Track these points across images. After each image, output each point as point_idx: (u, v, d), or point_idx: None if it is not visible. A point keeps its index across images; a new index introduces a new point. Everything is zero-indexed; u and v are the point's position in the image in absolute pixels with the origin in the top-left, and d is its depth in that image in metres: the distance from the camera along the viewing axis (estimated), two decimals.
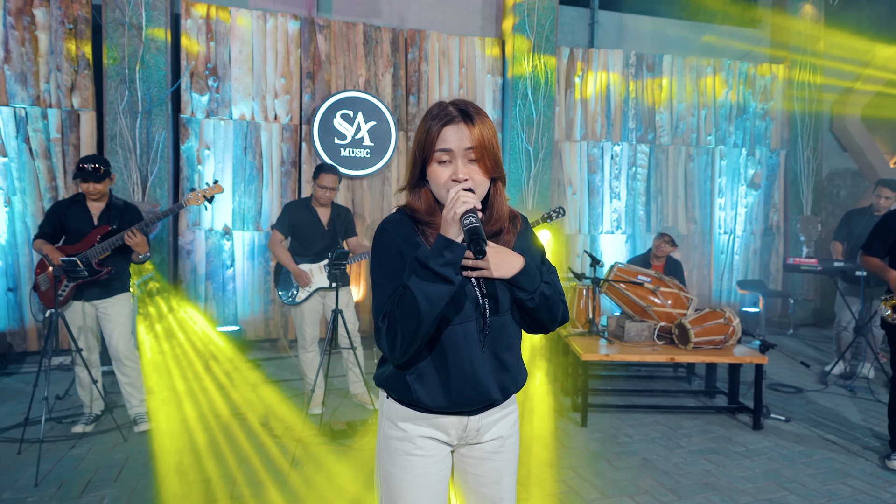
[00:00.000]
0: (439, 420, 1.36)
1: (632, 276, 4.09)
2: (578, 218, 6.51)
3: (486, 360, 1.32)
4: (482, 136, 1.26)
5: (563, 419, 3.80)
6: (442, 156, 1.26)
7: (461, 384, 1.31)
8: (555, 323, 1.39)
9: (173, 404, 3.88)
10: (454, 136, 1.25)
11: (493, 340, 1.33)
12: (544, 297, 1.32)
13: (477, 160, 1.26)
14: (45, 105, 4.94)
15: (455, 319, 1.29)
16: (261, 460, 3.08)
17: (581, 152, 6.48)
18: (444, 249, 1.18)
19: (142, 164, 5.03)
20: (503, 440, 1.43)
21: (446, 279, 1.17)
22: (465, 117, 1.27)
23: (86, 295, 3.33)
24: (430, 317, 1.18)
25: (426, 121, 1.29)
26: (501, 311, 1.33)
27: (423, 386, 1.31)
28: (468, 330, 1.30)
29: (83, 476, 2.89)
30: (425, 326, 1.19)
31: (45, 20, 4.90)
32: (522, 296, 1.30)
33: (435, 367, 1.31)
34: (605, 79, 6.50)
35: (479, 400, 1.34)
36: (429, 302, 1.16)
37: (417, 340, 1.21)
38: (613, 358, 3.66)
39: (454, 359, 1.30)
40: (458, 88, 6.03)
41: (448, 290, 1.18)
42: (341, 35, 5.64)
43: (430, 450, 1.37)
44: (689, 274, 6.84)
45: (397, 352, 1.22)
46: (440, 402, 1.32)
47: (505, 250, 1.30)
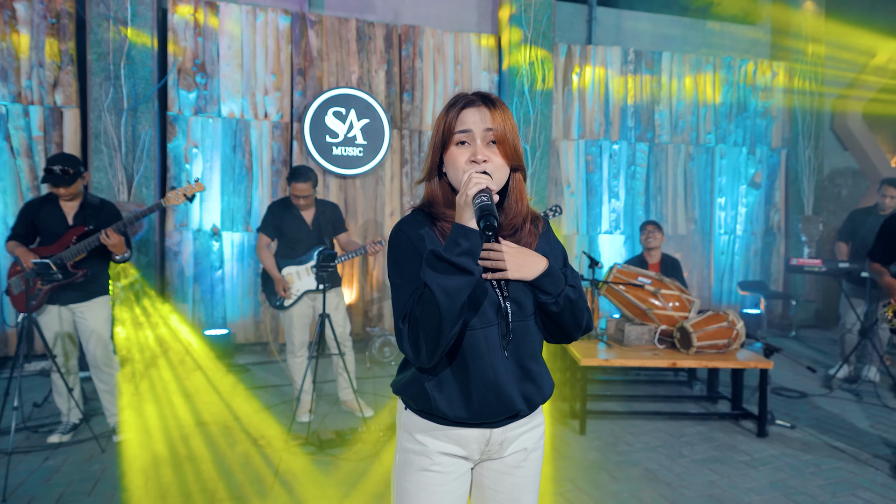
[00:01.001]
0: (460, 433, 1.26)
1: (632, 277, 3.96)
2: (576, 218, 6.38)
3: (510, 368, 1.24)
4: (503, 119, 1.22)
5: (561, 426, 3.67)
6: (461, 137, 1.21)
7: (483, 393, 1.22)
8: (579, 330, 1.31)
9: (152, 413, 3.73)
10: (474, 117, 1.21)
11: (517, 347, 1.25)
12: (569, 300, 1.25)
13: (497, 142, 1.21)
14: (27, 102, 4.79)
15: (475, 323, 1.21)
16: (243, 472, 2.94)
17: (579, 151, 6.35)
18: (460, 237, 1.10)
19: (127, 163, 4.89)
20: (527, 453, 1.33)
21: (464, 269, 1.09)
22: (486, 101, 1.23)
23: (61, 298, 3.18)
24: (452, 312, 1.09)
25: (445, 109, 1.25)
26: (525, 315, 1.26)
27: (442, 394, 1.23)
28: (490, 335, 1.22)
29: (55, 490, 2.74)
30: (448, 323, 1.09)
31: (26, 15, 4.75)
32: (546, 299, 1.23)
33: (455, 375, 1.23)
34: (603, 76, 6.37)
35: (501, 410, 1.24)
36: (447, 295, 1.08)
37: (443, 340, 1.12)
38: (613, 363, 3.52)
39: (475, 366, 1.21)
40: (453, 85, 5.89)
41: (467, 282, 1.09)
42: (333, 31, 5.50)
43: (448, 466, 1.28)
44: (689, 275, 6.71)
45: (423, 354, 1.13)
46: (460, 412, 1.23)
47: (527, 251, 1.25)
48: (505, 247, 1.24)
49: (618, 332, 3.98)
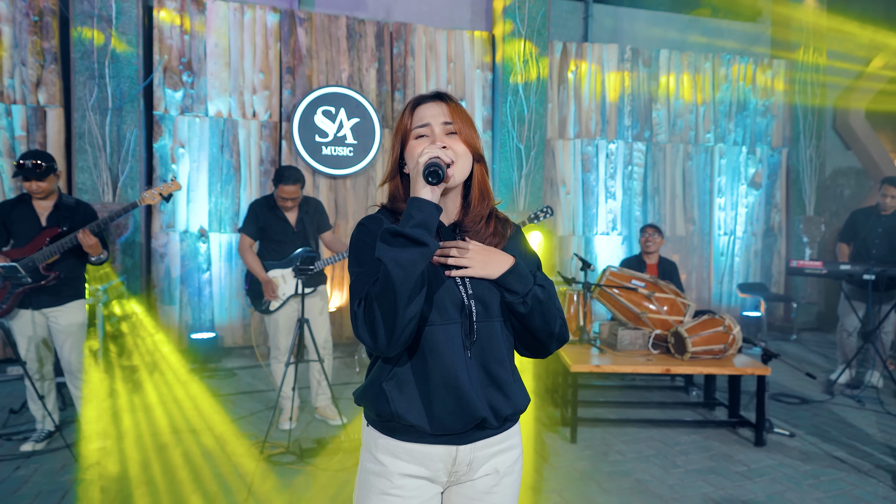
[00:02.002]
0: (423, 450, 1.17)
1: (625, 280, 3.84)
2: (572, 219, 6.26)
3: (473, 371, 1.16)
4: (459, 112, 1.21)
5: (551, 434, 3.55)
6: (419, 131, 1.20)
7: (443, 395, 1.14)
8: (552, 338, 1.23)
9: (129, 420, 3.63)
10: (431, 111, 1.20)
11: (481, 350, 1.18)
12: (538, 300, 1.18)
13: (457, 133, 1.20)
14: (10, 101, 4.70)
15: (434, 319, 1.15)
16: (218, 482, 2.83)
17: (575, 150, 6.23)
18: (413, 209, 1.07)
19: (112, 163, 4.79)
20: (498, 476, 1.24)
21: (417, 241, 1.04)
22: (441, 97, 1.23)
23: (34, 303, 3.08)
24: (406, 286, 1.03)
25: (402, 110, 1.26)
26: (491, 316, 1.19)
27: (401, 396, 1.16)
28: (451, 333, 1.15)
29: (21, 502, 2.64)
30: (403, 298, 1.03)
31: (8, 12, 4.66)
32: (512, 299, 1.17)
33: (414, 375, 1.16)
34: (599, 74, 6.26)
35: (463, 416, 1.15)
36: (401, 268, 1.03)
37: (400, 320, 1.05)
38: (604, 369, 3.40)
39: (434, 364, 1.14)
40: (445, 84, 5.78)
41: (421, 253, 1.04)
42: (323, 28, 5.40)
43: (411, 490, 1.18)
44: (687, 277, 6.59)
45: (381, 337, 1.06)
46: (420, 416, 1.14)
47: (493, 249, 1.20)
48: (470, 244, 1.19)
49: (611, 337, 3.86)
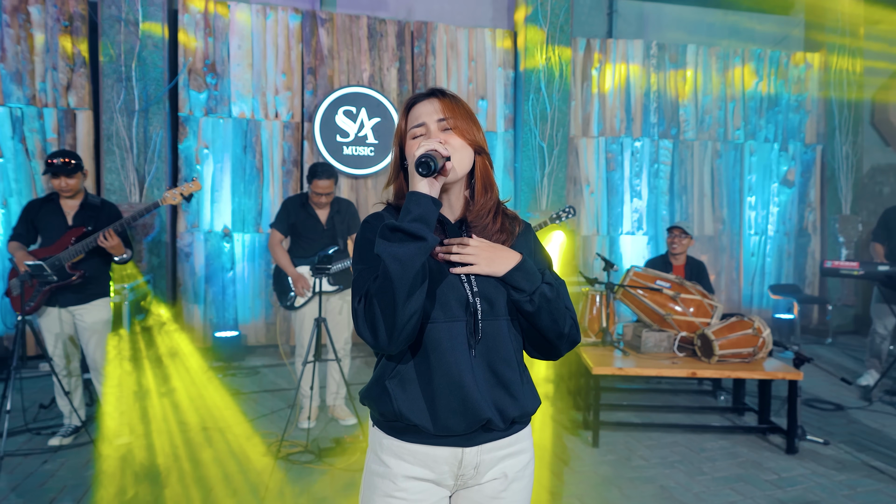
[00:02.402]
0: (427, 452, 1.14)
1: (649, 281, 3.74)
2: (596, 218, 6.15)
3: (478, 370, 1.13)
4: (455, 106, 1.19)
5: (573, 438, 3.48)
6: (415, 131, 1.18)
7: (447, 395, 1.11)
8: (561, 339, 1.19)
9: (154, 417, 3.68)
10: (425, 110, 1.18)
11: (487, 349, 1.15)
12: (545, 299, 1.14)
13: (452, 129, 1.17)
14: (41, 104, 4.83)
15: (438, 316, 1.13)
16: (237, 480, 2.84)
17: (599, 149, 6.12)
18: (411, 204, 1.06)
19: (139, 164, 4.88)
20: (507, 481, 1.20)
21: (415, 235, 1.02)
22: (436, 94, 1.20)
23: (61, 300, 3.14)
24: (405, 281, 1.02)
25: (400, 113, 1.24)
26: (497, 315, 1.16)
27: (404, 394, 1.13)
28: (454, 331, 1.13)
29: (47, 495, 2.69)
30: (402, 293, 1.02)
31: (40, 18, 4.79)
32: (519, 297, 1.14)
33: (418, 374, 1.14)
34: (624, 71, 6.13)
35: (468, 417, 1.11)
36: (399, 263, 1.01)
37: (399, 316, 1.03)
38: (627, 372, 3.32)
39: (437, 362, 1.12)
40: (467, 83, 5.74)
41: (419, 248, 1.03)
42: (344, 29, 5.41)
43: (415, 493, 1.15)
44: (716, 278, 6.41)
45: (381, 334, 1.05)
46: (424, 417, 1.12)
47: (499, 246, 1.17)
48: (475, 241, 1.17)
49: (635, 339, 3.77)
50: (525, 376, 1.22)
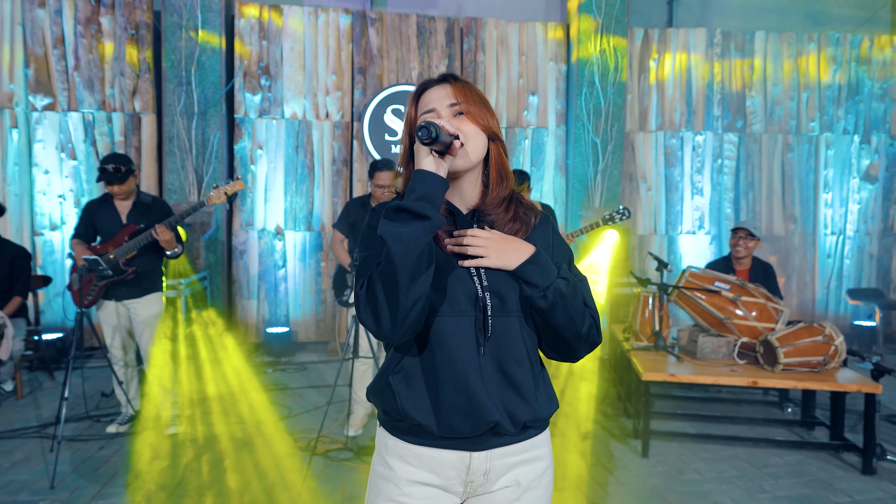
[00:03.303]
0: (433, 455, 1.08)
1: (707, 282, 3.50)
2: (654, 216, 5.87)
3: (486, 370, 1.06)
4: (467, 91, 1.12)
5: (620, 446, 3.30)
6: (426, 118, 1.11)
7: (451, 393, 1.04)
8: (578, 339, 1.09)
9: (194, 409, 3.79)
10: (436, 95, 1.12)
11: (497, 347, 1.07)
12: (560, 294, 1.06)
13: (465, 114, 1.10)
14: (110, 109, 5.11)
15: (445, 310, 1.06)
16: (277, 473, 2.87)
17: (657, 144, 5.83)
18: (415, 182, 1.00)
19: (198, 165, 5.08)
20: (520, 490, 1.12)
21: (419, 214, 0.96)
22: (447, 78, 1.14)
23: (117, 294, 3.29)
24: (408, 262, 0.95)
25: (408, 100, 1.18)
26: (508, 311, 1.08)
27: (408, 391, 1.07)
28: (461, 325, 1.06)
29: (99, 480, 2.81)
30: (405, 276, 0.96)
31: (110, 27, 5.07)
32: (532, 292, 1.06)
33: (423, 370, 1.08)
34: (685, 61, 5.81)
35: (474, 419, 1.04)
36: (402, 243, 0.95)
37: (402, 301, 0.97)
38: (681, 379, 3.11)
39: (442, 357, 1.06)
40: (517, 78, 5.62)
41: (424, 228, 0.96)
42: (394, 27, 5.42)
43: (421, 499, 1.09)
44: (787, 280, 5.96)
45: (384, 321, 0.99)
46: (428, 416, 1.05)
47: (512, 238, 1.10)
48: (487, 232, 1.09)
49: (690, 344, 3.54)
50: (541, 378, 1.13)
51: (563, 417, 3.64)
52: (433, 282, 1.04)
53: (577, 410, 3.76)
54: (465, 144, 1.07)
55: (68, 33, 5.01)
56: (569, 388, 4.12)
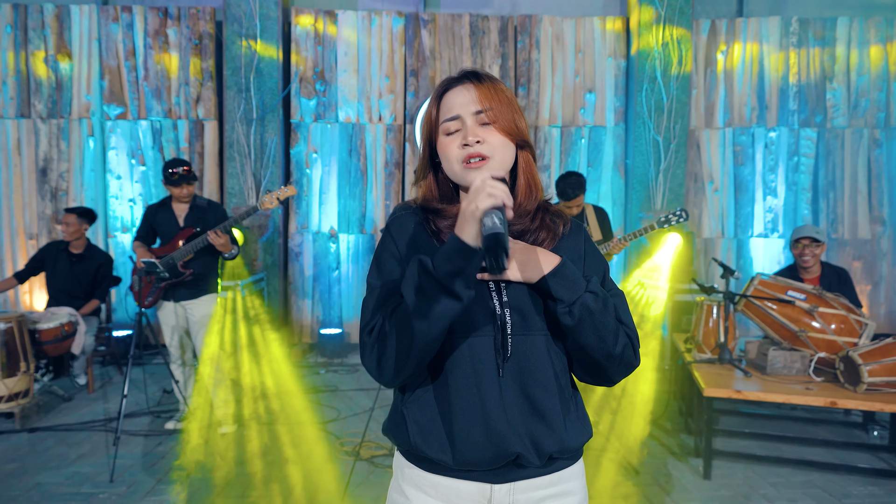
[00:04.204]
0: (450, 485, 0.99)
1: (779, 290, 3.22)
2: (721, 218, 5.52)
3: (507, 395, 0.96)
4: (494, 93, 1.00)
5: (680, 465, 3.09)
6: (449, 126, 1.01)
7: (466, 422, 0.95)
8: (611, 360, 0.98)
9: (248, 410, 3.87)
10: (459, 100, 1.01)
11: (519, 370, 0.97)
12: (588, 310, 0.94)
13: (491, 122, 0.99)
14: (176, 117, 5.34)
15: (459, 331, 0.97)
16: (323, 474, 2.87)
17: (725, 141, 5.48)
18: (455, 254, 0.88)
19: (256, 169, 5.22)
20: None
21: (452, 293, 0.88)
22: (471, 77, 1.02)
23: (175, 295, 3.41)
24: (428, 339, 0.90)
25: (430, 98, 1.08)
26: (530, 329, 0.98)
27: (422, 422, 0.99)
28: (477, 347, 0.97)
29: (155, 475, 2.91)
30: (420, 351, 0.90)
31: (176, 39, 5.30)
32: (556, 307, 0.95)
33: (437, 396, 0.99)
34: (756, 53, 5.43)
35: (493, 452, 0.94)
36: (426, 320, 0.88)
37: (411, 362, 0.92)
38: (747, 396, 2.87)
39: (456, 383, 0.97)
40: (573, 76, 5.43)
41: (453, 308, 0.89)
42: (446, 28, 5.37)
43: None
44: (873, 289, 5.46)
45: (386, 374, 0.94)
46: (443, 449, 0.96)
47: (535, 248, 1.00)
48: (510, 242, 0.97)
49: (760, 358, 3.27)
50: (572, 403, 1.03)
51: (617, 430, 3.46)
52: None
53: (631, 424, 3.57)
54: (492, 157, 0.98)
55: (139, 45, 5.28)
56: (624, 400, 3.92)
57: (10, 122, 5.28)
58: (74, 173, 5.33)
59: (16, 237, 5.35)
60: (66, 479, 2.87)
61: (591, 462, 3.06)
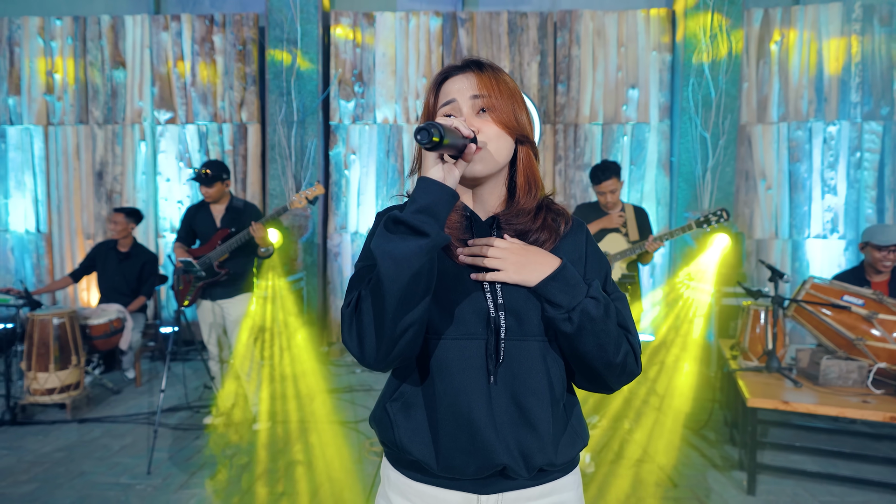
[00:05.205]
0: (436, 495, 0.95)
1: (833, 295, 3.00)
2: (774, 218, 5.22)
3: (498, 403, 0.91)
4: (494, 81, 0.97)
5: (721, 478, 2.92)
6: (445, 110, 0.98)
7: (451, 427, 0.90)
8: (610, 369, 0.92)
9: (288, 407, 3.92)
10: (459, 85, 0.97)
11: (512, 376, 0.92)
12: (588, 317, 0.89)
13: (488, 110, 0.95)
14: (221, 120, 5.51)
15: (448, 332, 0.92)
16: (350, 477, 2.88)
17: (779, 136, 5.18)
18: (418, 192, 0.86)
19: (296, 171, 5.32)
20: None
21: (417, 230, 0.83)
22: (472, 66, 0.99)
23: (212, 294, 3.49)
24: (397, 285, 0.83)
25: (428, 85, 1.05)
26: (526, 334, 0.93)
27: (407, 421, 0.95)
28: (467, 350, 0.92)
29: (190, 469, 2.99)
30: (392, 300, 0.83)
31: (221, 45, 5.47)
32: (554, 314, 0.90)
33: (424, 396, 0.95)
34: (815, 42, 5.11)
35: (477, 457, 0.90)
36: (394, 262, 0.82)
37: (389, 329, 0.85)
38: (796, 408, 2.68)
39: (443, 386, 0.92)
40: (615, 71, 5.27)
41: (420, 247, 0.83)
42: (484, 27, 5.31)
43: None
44: None
45: (368, 348, 0.87)
46: (426, 451, 0.92)
47: (535, 249, 0.95)
48: (506, 242, 0.94)
49: (812, 367, 3.05)
50: (567, 414, 0.97)
51: (654, 438, 3.31)
52: (437, 299, 0.92)
53: (671, 433, 3.41)
54: (485, 147, 0.93)
55: (186, 52, 5.48)
56: (663, 407, 3.76)
57: (70, 128, 5.58)
58: (127, 176, 5.59)
59: (74, 237, 5.65)
60: (107, 469, 2.99)
61: (623, 472, 2.94)
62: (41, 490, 2.75)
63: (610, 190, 3.26)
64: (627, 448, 3.22)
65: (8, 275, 5.66)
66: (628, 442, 3.30)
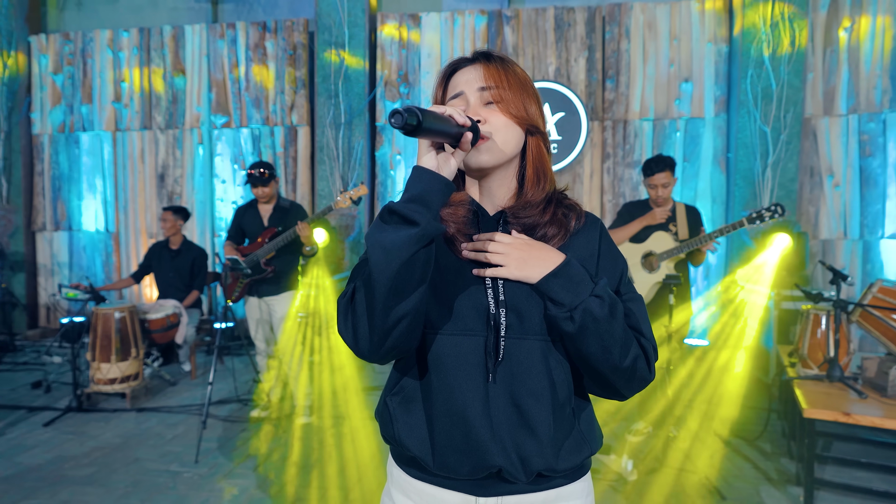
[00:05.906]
0: (434, 494, 0.94)
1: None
2: (843, 217, 4.88)
3: (496, 402, 0.89)
4: (503, 72, 0.94)
5: (776, 493, 2.75)
6: (453, 103, 0.96)
7: (446, 425, 0.89)
8: (617, 373, 0.88)
9: (332, 402, 3.99)
10: (465, 77, 0.96)
11: (511, 376, 0.89)
12: (592, 317, 0.85)
13: (496, 102, 0.93)
14: (272, 123, 5.69)
15: (446, 327, 0.90)
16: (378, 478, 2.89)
17: (848, 129, 4.84)
18: (411, 181, 0.86)
19: (344, 172, 5.42)
20: None
21: (407, 219, 0.81)
22: (481, 58, 0.97)
23: (259, 291, 3.61)
24: (386, 274, 0.81)
25: (437, 78, 1.03)
26: (527, 332, 0.90)
27: (406, 416, 0.94)
28: (464, 346, 0.90)
29: (235, 460, 3.09)
30: (383, 289, 0.82)
31: (273, 50, 5.65)
32: (556, 312, 0.87)
33: (423, 392, 0.94)
34: (889, 28, 4.74)
35: (471, 458, 0.88)
36: (384, 251, 0.81)
37: (380, 320, 0.84)
38: (859, 420, 2.48)
39: (439, 382, 0.90)
40: (667, 65, 5.07)
41: (409, 235, 0.81)
42: (529, 23, 5.24)
43: None
44: None
45: (361, 339, 0.87)
46: (423, 448, 0.91)
47: (539, 245, 0.92)
48: (510, 237, 0.91)
49: (880, 376, 2.82)
50: (573, 418, 0.92)
51: (701, 447, 3.16)
52: (437, 293, 0.90)
53: (722, 442, 3.24)
54: (491, 137, 0.91)
55: (241, 58, 5.69)
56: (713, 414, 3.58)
57: (135, 133, 5.92)
58: (187, 178, 5.86)
59: (139, 236, 5.98)
60: (159, 456, 3.14)
61: (665, 480, 2.81)
62: (99, 474, 2.92)
63: (662, 184, 3.12)
64: (672, 455, 3.08)
65: (81, 272, 6.06)
66: (673, 449, 3.16)
